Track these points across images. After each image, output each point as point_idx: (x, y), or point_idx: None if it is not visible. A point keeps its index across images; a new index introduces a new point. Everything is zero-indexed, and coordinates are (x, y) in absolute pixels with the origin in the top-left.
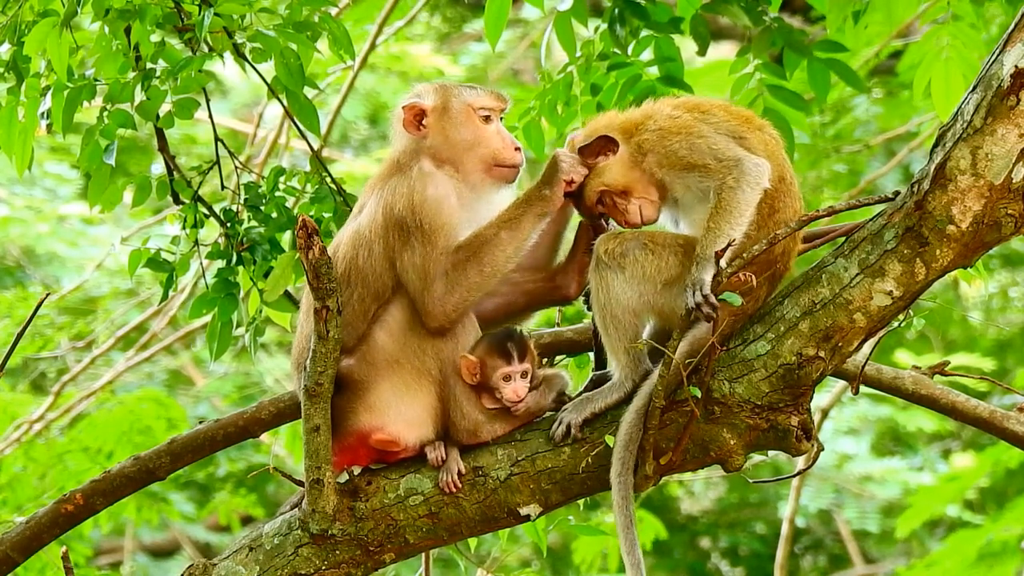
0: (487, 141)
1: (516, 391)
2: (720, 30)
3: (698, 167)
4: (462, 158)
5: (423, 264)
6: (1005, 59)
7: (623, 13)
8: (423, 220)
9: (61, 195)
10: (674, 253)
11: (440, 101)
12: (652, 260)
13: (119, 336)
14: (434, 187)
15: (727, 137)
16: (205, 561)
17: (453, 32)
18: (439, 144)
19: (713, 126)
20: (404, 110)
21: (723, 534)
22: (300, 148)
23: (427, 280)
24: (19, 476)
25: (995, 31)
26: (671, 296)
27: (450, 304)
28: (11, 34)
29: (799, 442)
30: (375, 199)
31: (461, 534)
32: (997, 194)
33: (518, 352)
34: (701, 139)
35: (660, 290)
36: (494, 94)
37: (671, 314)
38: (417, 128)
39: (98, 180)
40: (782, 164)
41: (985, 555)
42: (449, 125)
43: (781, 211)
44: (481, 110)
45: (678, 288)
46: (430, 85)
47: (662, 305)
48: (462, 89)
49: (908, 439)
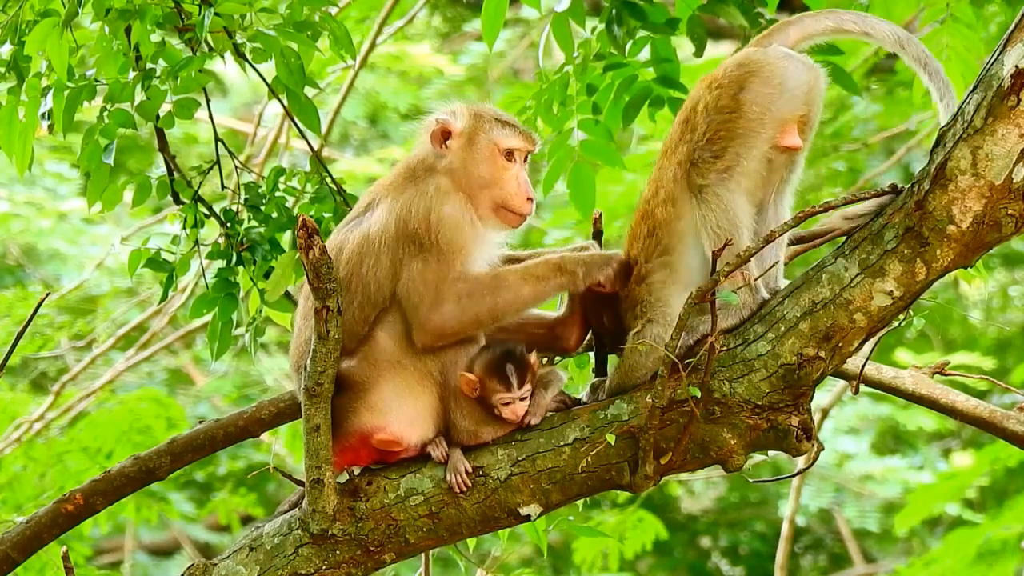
0: (502, 183)
1: (515, 412)
2: (719, 30)
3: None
4: (474, 190)
5: (436, 281)
6: (1005, 59)
7: (620, 13)
8: (440, 239)
9: (61, 194)
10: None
11: (469, 128)
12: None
13: (119, 335)
14: (452, 206)
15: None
16: (205, 561)
17: (453, 32)
18: (457, 168)
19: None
20: (435, 123)
21: (723, 533)
22: (300, 148)
23: (437, 297)
24: (19, 476)
25: (994, 31)
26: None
27: (450, 328)
28: (12, 34)
29: (799, 442)
30: (386, 208)
31: (461, 534)
32: (997, 194)
33: (518, 378)
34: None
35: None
36: (524, 135)
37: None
38: (441, 145)
39: (98, 179)
40: None
41: (985, 553)
42: (470, 155)
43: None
44: (506, 150)
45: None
46: (467, 107)
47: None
48: (494, 123)
49: (908, 438)
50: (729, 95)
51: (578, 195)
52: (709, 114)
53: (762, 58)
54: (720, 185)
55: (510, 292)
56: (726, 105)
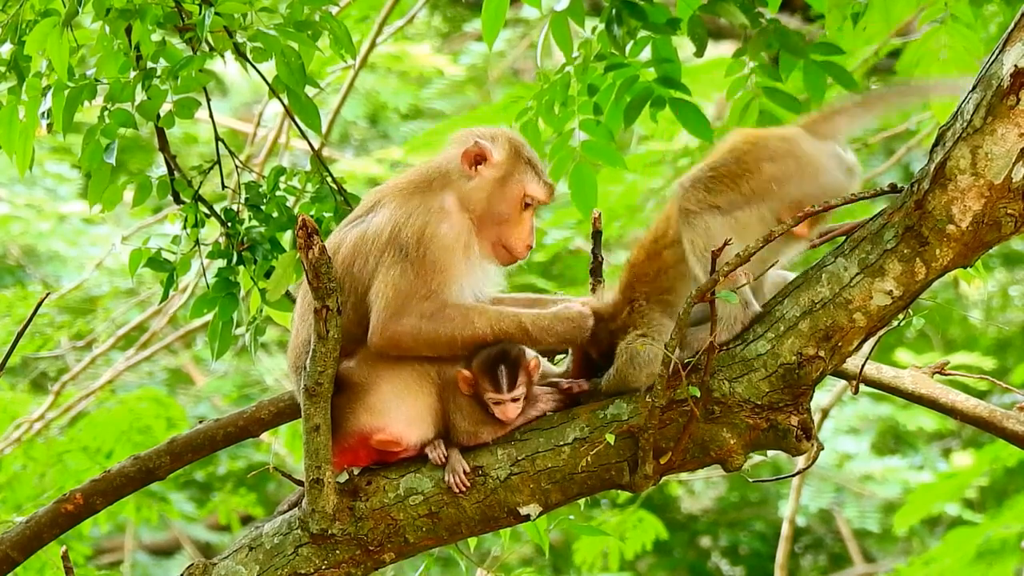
0: (513, 226)
1: (505, 413)
2: (720, 29)
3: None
4: (485, 222)
5: (407, 293)
6: (1005, 59)
7: (620, 13)
8: (427, 255)
9: (62, 195)
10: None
11: (506, 163)
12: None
13: (119, 335)
14: (450, 227)
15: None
16: (205, 561)
17: (453, 32)
18: (475, 196)
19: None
20: (473, 144)
21: (723, 533)
22: (300, 147)
23: (401, 308)
24: (19, 475)
25: (994, 30)
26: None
27: (404, 341)
28: (12, 33)
29: (799, 442)
30: (388, 213)
31: (461, 534)
32: (997, 193)
33: (508, 381)
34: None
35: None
36: (548, 187)
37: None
38: (471, 167)
39: (98, 179)
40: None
41: (984, 552)
42: (497, 190)
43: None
44: (527, 198)
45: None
46: (508, 140)
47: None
48: (528, 168)
49: (908, 438)
50: (757, 157)
51: (579, 195)
52: (729, 157)
53: (811, 153)
54: (708, 213)
55: (471, 331)
56: (748, 164)
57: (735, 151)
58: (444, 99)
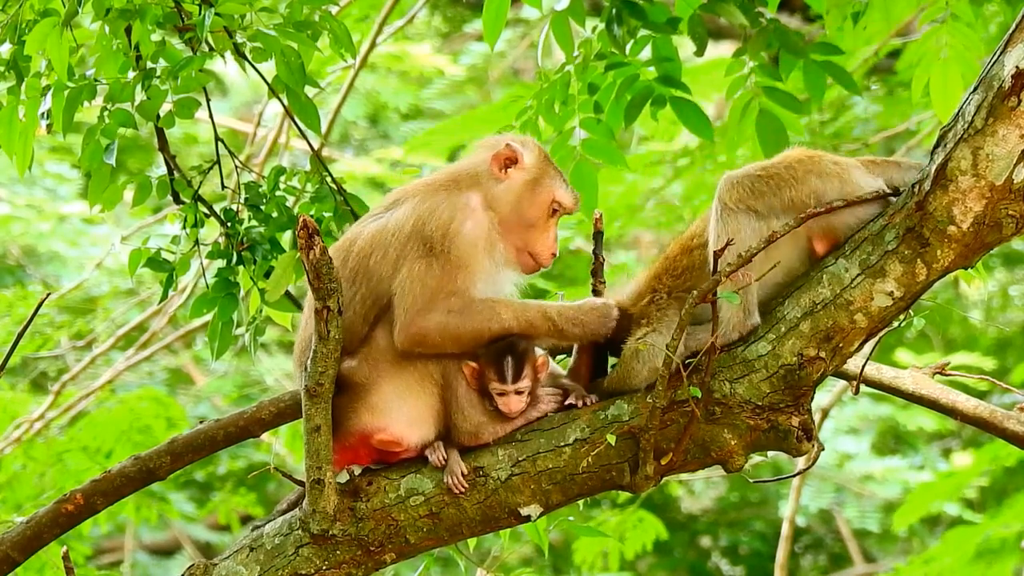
0: (539, 231)
1: (508, 405)
2: (720, 29)
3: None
4: (511, 224)
5: (434, 288)
6: (1006, 60)
7: (621, 13)
8: (452, 250)
9: (62, 195)
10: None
11: (535, 167)
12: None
13: (119, 335)
14: (476, 224)
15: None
16: (205, 561)
17: (453, 32)
18: (504, 197)
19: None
20: (505, 147)
21: (723, 533)
22: (300, 147)
23: (428, 303)
24: (19, 475)
25: (994, 30)
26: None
27: (431, 338)
28: (12, 33)
29: (800, 442)
30: (410, 206)
31: (462, 534)
32: (998, 195)
33: (513, 373)
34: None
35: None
36: (576, 197)
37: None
38: (501, 169)
39: (98, 179)
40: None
41: (984, 552)
42: (526, 193)
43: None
44: (555, 204)
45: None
46: (538, 146)
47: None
48: (557, 175)
49: (909, 438)
50: (808, 170)
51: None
52: (782, 163)
53: (858, 182)
54: (744, 214)
55: (498, 324)
56: (797, 173)
57: (789, 159)
58: (444, 99)
